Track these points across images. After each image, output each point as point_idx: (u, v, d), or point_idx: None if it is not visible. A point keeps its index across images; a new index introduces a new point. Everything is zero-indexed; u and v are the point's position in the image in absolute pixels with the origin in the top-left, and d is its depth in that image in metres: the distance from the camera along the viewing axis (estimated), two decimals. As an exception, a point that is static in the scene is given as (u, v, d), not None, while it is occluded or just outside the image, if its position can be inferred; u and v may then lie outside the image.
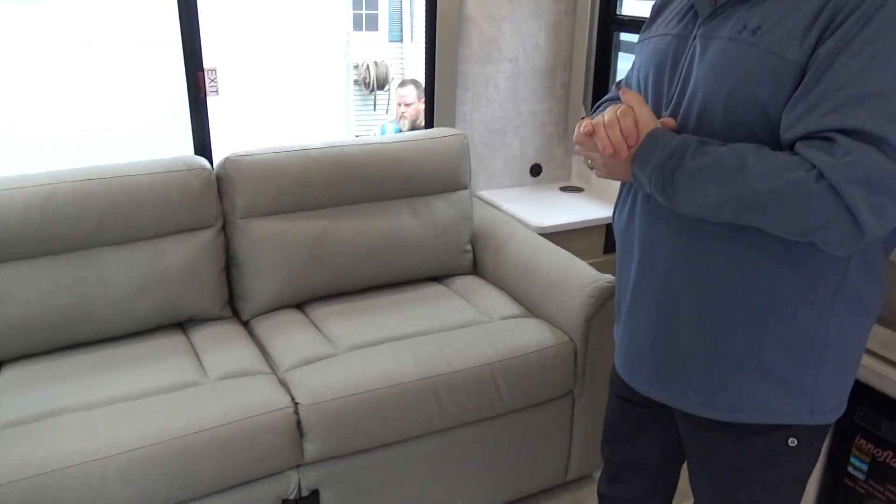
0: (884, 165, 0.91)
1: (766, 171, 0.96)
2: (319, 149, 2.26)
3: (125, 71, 4.30)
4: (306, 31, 4.95)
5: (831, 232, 0.95)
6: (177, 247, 2.06)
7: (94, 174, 1.98)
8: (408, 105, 4.29)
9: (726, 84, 1.03)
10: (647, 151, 1.06)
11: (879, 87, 0.92)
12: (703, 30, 1.10)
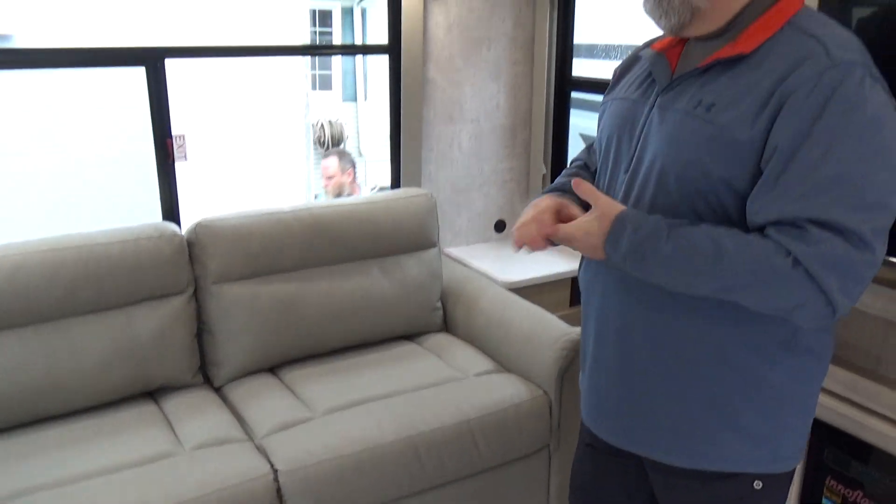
0: (852, 253, 0.97)
1: (744, 258, 1.00)
2: (289, 212, 2.28)
3: (88, 137, 4.28)
4: (268, 94, 5.01)
5: (806, 310, 1.01)
6: (148, 314, 2.04)
7: (63, 244, 1.96)
8: (329, 178, 3.93)
9: (681, 157, 1.08)
10: (617, 235, 1.08)
11: (842, 176, 0.97)
12: (661, 100, 1.15)
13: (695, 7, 1.08)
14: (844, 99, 0.97)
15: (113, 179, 4.27)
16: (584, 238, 1.11)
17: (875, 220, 0.98)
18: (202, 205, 3.22)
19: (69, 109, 4.18)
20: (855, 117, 0.97)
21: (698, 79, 1.11)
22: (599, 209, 1.10)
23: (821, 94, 0.98)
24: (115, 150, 4.33)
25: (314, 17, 9.38)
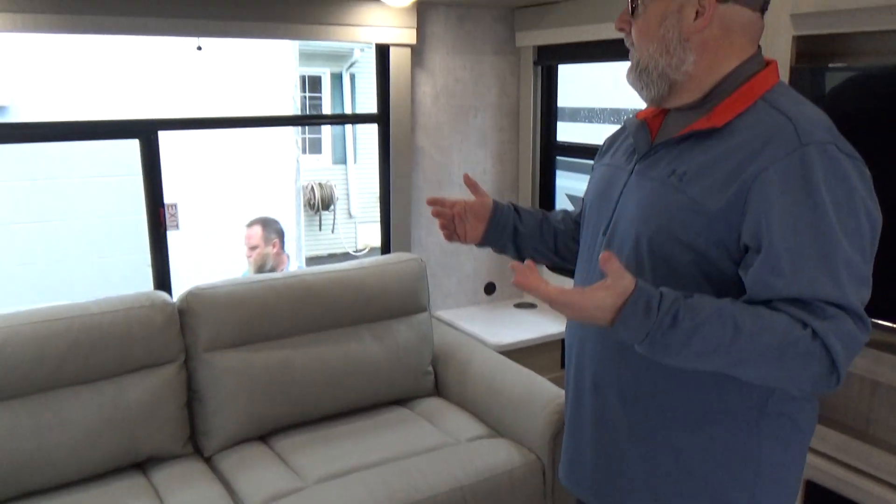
0: (853, 327, 1.01)
1: (764, 332, 1.00)
2: (280, 278, 2.30)
3: (79, 205, 4.32)
4: (258, 160, 5.08)
5: (818, 379, 1.02)
6: (138, 384, 2.03)
7: (54, 315, 1.97)
8: (252, 248, 3.53)
9: (653, 222, 1.13)
10: (634, 312, 1.00)
11: (833, 256, 1.00)
12: (640, 167, 1.20)
13: (672, 81, 1.14)
14: (820, 178, 1.01)
15: (106, 248, 4.29)
16: (590, 310, 1.02)
17: (863, 295, 1.03)
18: (194, 272, 3.24)
19: (62, 178, 4.22)
20: (834, 196, 1.01)
21: (674, 148, 1.15)
22: (616, 283, 1.01)
23: (796, 173, 1.01)
24: (108, 219, 4.36)
25: (304, 82, 9.58)
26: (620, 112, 3.95)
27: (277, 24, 2.35)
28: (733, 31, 1.12)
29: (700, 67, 1.13)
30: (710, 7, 1.09)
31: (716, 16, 1.10)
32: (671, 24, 1.12)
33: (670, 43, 1.12)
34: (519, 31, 2.84)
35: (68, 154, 4.07)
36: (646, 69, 1.16)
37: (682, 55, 1.12)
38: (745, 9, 1.11)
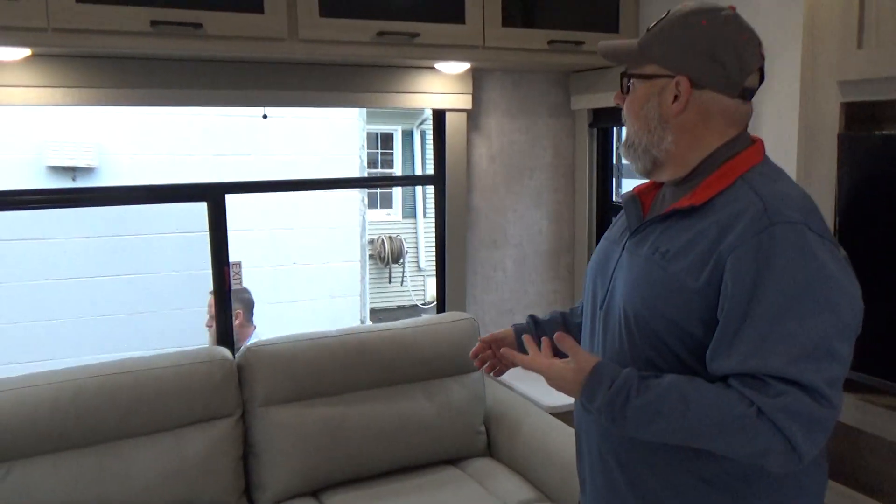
0: (812, 405, 1.02)
1: (709, 408, 1.05)
2: (335, 336, 2.37)
3: (156, 259, 4.58)
4: (325, 215, 5.27)
5: (773, 456, 1.04)
6: (197, 436, 2.11)
7: (121, 368, 2.08)
8: (213, 317, 3.13)
9: (641, 299, 1.17)
10: (592, 388, 1.11)
11: (792, 332, 1.03)
12: (630, 244, 1.25)
13: (654, 157, 1.22)
14: (785, 256, 1.05)
15: (180, 300, 4.51)
16: (558, 382, 1.15)
17: (828, 371, 1.03)
18: (259, 327, 3.37)
19: (141, 235, 4.49)
20: (798, 274, 1.04)
21: (659, 226, 1.21)
22: (578, 364, 1.14)
23: (762, 251, 1.05)
24: (182, 273, 4.60)
25: (377, 139, 9.90)
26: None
27: (339, 93, 2.48)
28: (711, 116, 1.18)
29: (680, 147, 1.19)
30: (686, 93, 1.16)
31: (692, 101, 1.17)
32: (652, 105, 1.19)
33: (651, 122, 1.20)
34: (574, 95, 2.89)
35: (145, 212, 4.34)
36: (632, 144, 1.24)
37: (662, 134, 1.19)
38: (721, 96, 1.17)
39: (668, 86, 1.18)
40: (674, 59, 1.18)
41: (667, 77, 1.18)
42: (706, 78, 1.16)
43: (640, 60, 1.22)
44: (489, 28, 2.36)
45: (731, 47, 1.17)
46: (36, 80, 2.08)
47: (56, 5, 1.83)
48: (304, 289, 5.24)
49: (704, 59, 1.16)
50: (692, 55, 1.17)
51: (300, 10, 2.09)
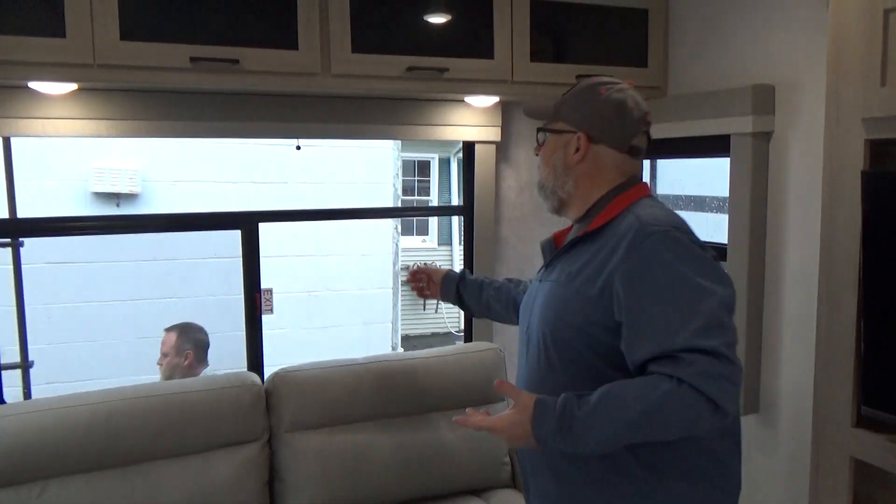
0: (718, 365, 1.24)
1: (639, 394, 1.25)
2: (362, 363, 2.40)
3: (189, 284, 4.70)
4: (357, 242, 5.35)
5: (703, 421, 1.25)
6: (224, 460, 2.16)
7: (153, 391, 2.14)
8: (164, 355, 3.29)
9: (552, 314, 1.44)
10: (541, 419, 1.30)
11: (687, 313, 1.26)
12: (543, 274, 1.55)
13: (559, 197, 1.54)
14: (663, 258, 1.30)
15: (217, 324, 4.60)
16: (510, 429, 1.33)
17: (724, 338, 1.26)
18: (286, 354, 3.42)
19: (179, 259, 4.63)
20: (679, 269, 1.29)
21: (566, 254, 1.49)
22: (520, 403, 1.33)
23: (644, 259, 1.32)
24: (219, 298, 4.71)
25: (414, 167, 10.02)
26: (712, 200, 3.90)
27: (370, 125, 2.54)
28: (604, 165, 1.49)
29: (579, 190, 1.51)
30: (584, 146, 1.48)
31: (589, 153, 1.48)
32: (559, 156, 1.52)
33: (557, 169, 1.52)
34: (604, 127, 2.91)
35: (184, 238, 4.47)
36: (543, 187, 1.57)
37: (565, 179, 1.51)
38: (613, 150, 1.48)
39: (571, 140, 1.49)
40: (577, 119, 1.49)
41: (570, 132, 1.49)
42: (600, 135, 1.48)
43: (553, 118, 1.54)
44: (518, 63, 2.41)
45: (622, 113, 1.47)
46: (82, 113, 2.19)
47: (102, 43, 1.92)
48: (337, 315, 5.31)
49: (600, 120, 1.48)
50: (591, 116, 1.48)
51: (333, 46, 2.16)
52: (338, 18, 2.15)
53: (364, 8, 2.19)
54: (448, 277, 2.04)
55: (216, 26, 2.04)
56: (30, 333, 2.98)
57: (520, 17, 2.39)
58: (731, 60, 2.42)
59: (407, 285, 2.02)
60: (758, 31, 2.31)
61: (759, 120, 2.23)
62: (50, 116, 2.15)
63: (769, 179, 2.27)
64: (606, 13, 2.55)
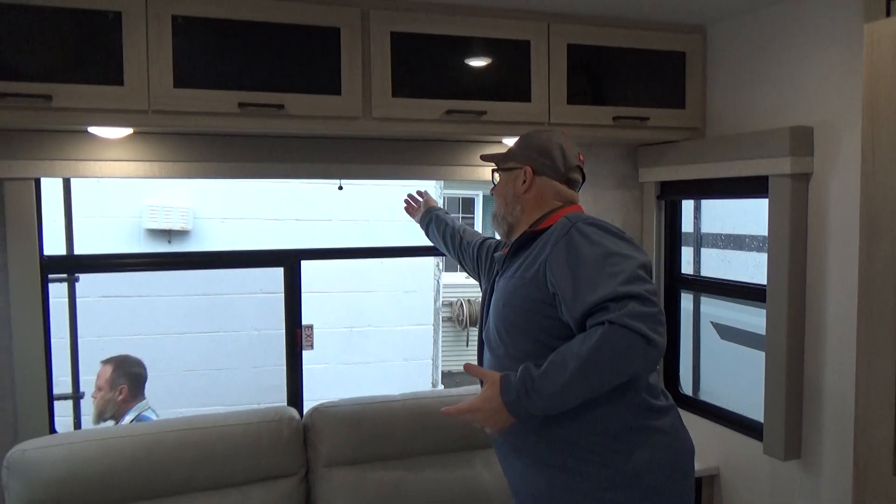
0: (642, 307, 1.47)
1: (582, 345, 1.47)
2: (398, 400, 2.43)
3: (234, 318, 4.82)
4: (399, 280, 5.41)
5: (637, 356, 1.46)
6: (261, 494, 2.20)
7: (194, 424, 2.20)
8: (98, 389, 3.14)
9: (502, 303, 1.73)
10: (506, 389, 1.54)
11: (611, 272, 1.52)
12: (499, 276, 1.82)
13: (509, 223, 1.85)
14: (587, 236, 1.60)
15: (260, 358, 4.71)
16: (485, 404, 1.56)
17: (644, 286, 1.51)
18: (326, 389, 3.47)
19: (224, 294, 4.76)
20: (601, 241, 1.58)
21: (513, 258, 1.78)
22: (489, 380, 1.58)
23: (569, 242, 1.60)
24: (262, 332, 4.81)
25: (459, 203, 10.10)
26: (751, 238, 3.86)
27: (410, 166, 2.60)
28: (546, 193, 1.82)
29: (525, 214, 1.82)
30: (530, 179, 1.81)
31: (534, 184, 1.82)
32: (509, 188, 1.85)
33: (508, 198, 1.85)
34: (642, 167, 2.93)
35: (231, 273, 4.60)
36: (495, 216, 1.90)
37: (514, 205, 1.83)
38: (552, 181, 1.82)
39: (519, 174, 1.83)
40: (523, 157, 1.84)
41: (518, 168, 1.83)
42: (541, 168, 1.81)
43: (505, 160, 1.88)
44: (554, 106, 2.45)
45: (559, 151, 1.82)
46: (136, 155, 2.30)
47: (156, 90, 2.03)
48: (378, 351, 5.36)
49: (541, 157, 1.82)
50: (534, 154, 1.83)
51: (374, 91, 2.24)
52: (379, 65, 2.24)
53: (404, 54, 2.27)
54: (429, 210, 2.49)
55: (263, 74, 2.14)
56: (81, 364, 3.09)
57: (557, 60, 2.44)
58: (768, 102, 2.43)
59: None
60: (794, 72, 2.31)
61: (798, 161, 2.22)
62: (107, 159, 2.27)
63: (809, 220, 2.26)
64: (643, 56, 2.58)
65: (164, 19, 2.03)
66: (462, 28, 2.33)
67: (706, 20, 2.61)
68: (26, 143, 2.18)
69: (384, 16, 2.23)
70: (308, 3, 2.16)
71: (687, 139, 2.69)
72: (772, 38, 2.40)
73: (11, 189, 2.18)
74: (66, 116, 1.99)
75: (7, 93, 1.91)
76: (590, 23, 2.49)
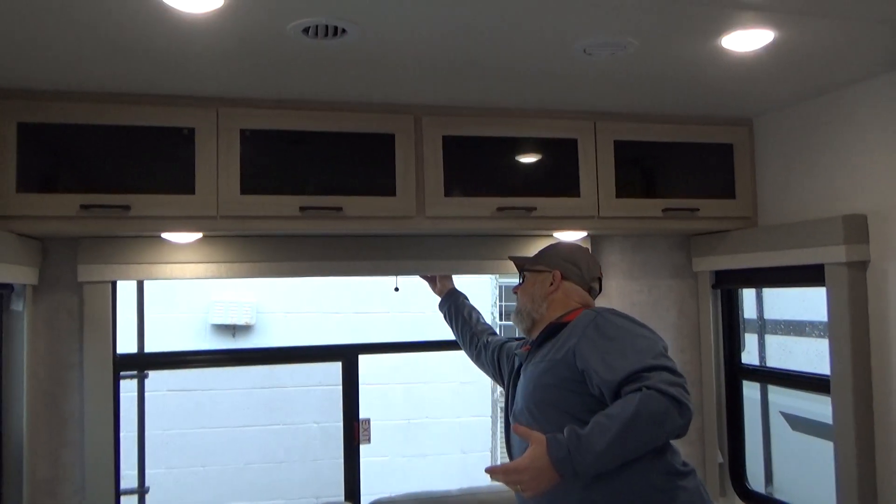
0: (672, 377, 1.64)
1: (622, 408, 1.59)
2: (455, 495, 2.42)
3: (294, 412, 4.89)
4: (456, 372, 5.41)
5: (672, 418, 1.60)
6: None
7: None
8: None
9: (532, 385, 1.88)
10: (556, 447, 1.59)
11: (639, 348, 1.73)
12: (524, 367, 1.98)
13: (533, 319, 2.02)
14: (611, 322, 1.82)
15: (319, 452, 4.73)
16: (532, 463, 1.59)
17: (670, 362, 1.69)
18: (384, 482, 3.46)
19: (283, 388, 4.85)
20: (623, 326, 1.82)
21: (538, 350, 1.94)
22: (534, 440, 1.62)
23: (598, 328, 1.80)
24: (322, 426, 4.85)
25: (501, 291, 10.13)
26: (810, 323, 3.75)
27: (463, 261, 2.67)
28: (570, 296, 2.02)
29: (549, 312, 2.00)
30: (558, 281, 2.03)
31: (561, 286, 2.03)
32: (538, 288, 2.05)
33: (535, 297, 2.04)
34: (695, 257, 2.93)
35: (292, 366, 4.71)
36: (520, 311, 2.06)
37: (541, 304, 2.02)
38: (577, 286, 2.04)
39: (547, 276, 2.04)
40: (552, 262, 2.07)
41: (547, 271, 2.05)
42: (570, 273, 2.04)
43: (534, 263, 2.10)
44: (604, 199, 2.51)
45: (584, 261, 2.08)
46: (204, 257, 2.43)
47: (225, 197, 2.18)
48: (436, 443, 5.31)
49: (569, 263, 2.06)
50: (562, 261, 2.06)
51: (427, 191, 2.34)
52: (432, 166, 2.35)
53: (455, 155, 2.38)
54: (447, 295, 2.60)
55: (322, 179, 2.27)
56: (147, 459, 3.17)
57: (604, 156, 2.52)
58: (819, 190, 2.43)
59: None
60: (843, 160, 2.33)
61: (853, 249, 2.20)
62: (177, 261, 2.41)
63: (869, 308, 2.21)
64: (690, 148, 2.63)
65: (232, 133, 2.19)
66: (510, 129, 2.44)
67: (751, 113, 2.66)
68: (104, 248, 2.34)
69: (436, 121, 2.36)
70: (364, 112, 2.31)
71: (739, 228, 2.69)
72: (818, 129, 2.43)
73: (89, 292, 2.33)
74: (143, 224, 2.14)
75: (91, 204, 2.08)
76: (635, 120, 2.56)
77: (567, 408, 1.77)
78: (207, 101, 2.20)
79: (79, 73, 1.99)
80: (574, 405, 1.76)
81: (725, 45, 1.88)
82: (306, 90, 2.20)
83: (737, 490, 2.84)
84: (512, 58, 1.97)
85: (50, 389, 2.34)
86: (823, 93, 2.38)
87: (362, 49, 1.86)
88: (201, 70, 2.00)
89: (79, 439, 2.33)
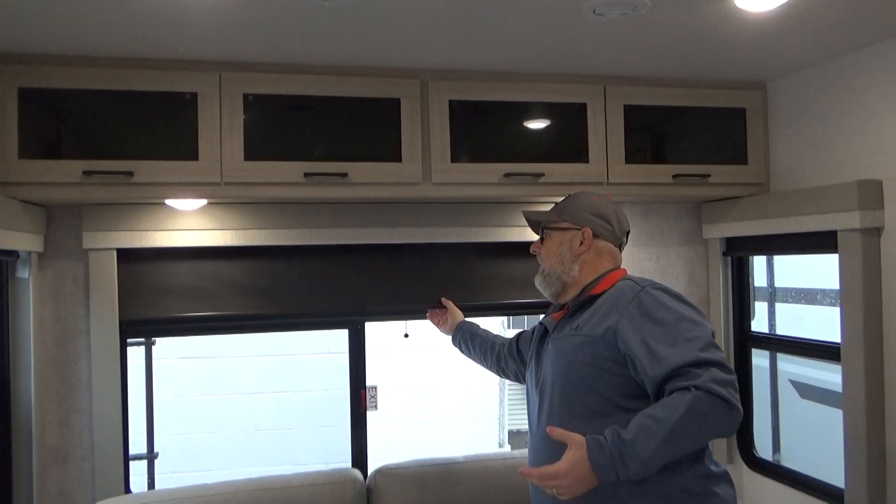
0: (721, 373, 1.50)
1: (670, 410, 1.47)
2: (462, 462, 2.42)
3: (303, 379, 4.90)
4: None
5: (723, 420, 1.48)
6: (326, 557, 2.20)
7: (262, 485, 2.24)
8: None
9: (565, 360, 1.72)
10: (598, 452, 1.48)
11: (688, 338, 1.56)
12: (553, 336, 1.81)
13: (563, 282, 1.85)
14: (658, 302, 1.64)
15: (327, 418, 4.76)
16: (571, 468, 1.48)
17: (719, 354, 1.56)
18: (392, 449, 3.48)
19: (295, 355, 4.86)
20: (665, 311, 1.62)
21: (571, 317, 1.78)
22: (574, 442, 1.51)
23: (640, 307, 1.64)
24: (330, 393, 4.87)
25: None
26: (822, 292, 3.72)
27: (471, 228, 2.63)
28: (602, 255, 1.86)
29: (582, 274, 1.84)
30: (589, 240, 1.85)
31: (593, 245, 1.85)
32: (566, 247, 1.86)
33: (564, 258, 1.85)
34: (706, 224, 2.89)
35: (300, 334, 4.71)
36: (548, 274, 1.88)
37: (572, 265, 1.84)
38: (608, 243, 1.87)
39: (576, 235, 1.86)
40: (580, 218, 1.87)
41: (575, 229, 1.86)
42: (601, 231, 1.86)
43: (555, 219, 1.91)
44: (613, 165, 2.47)
45: (614, 216, 1.89)
46: (209, 224, 2.42)
47: (228, 163, 2.15)
48: (443, 410, 5.35)
49: (600, 219, 1.87)
50: (591, 216, 1.87)
51: (434, 157, 2.31)
52: (438, 132, 2.31)
53: (462, 120, 2.34)
54: (458, 326, 2.46)
55: (327, 144, 2.24)
56: (156, 425, 3.20)
57: (614, 121, 2.47)
58: (833, 155, 2.38)
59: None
60: (859, 125, 2.27)
61: (867, 215, 2.16)
62: (182, 228, 2.40)
63: (882, 275, 2.18)
64: (702, 113, 2.58)
65: (236, 98, 2.16)
66: (517, 93, 2.39)
67: (765, 76, 2.60)
68: (109, 215, 2.33)
69: (442, 86, 2.32)
70: (369, 77, 2.27)
71: (751, 195, 2.65)
72: (834, 92, 2.37)
73: (95, 259, 2.32)
74: (146, 190, 2.12)
75: (94, 170, 2.06)
76: (645, 84, 2.51)
77: (603, 390, 1.64)
78: (210, 66, 2.16)
79: (80, 38, 1.96)
80: (612, 387, 1.64)
81: (739, 5, 1.83)
82: (310, 54, 2.16)
83: (744, 458, 2.84)
84: (520, 19, 1.92)
85: (57, 356, 2.35)
86: (840, 55, 2.32)
87: (368, 11, 1.82)
88: (204, 33, 1.96)
89: (87, 406, 2.35)
